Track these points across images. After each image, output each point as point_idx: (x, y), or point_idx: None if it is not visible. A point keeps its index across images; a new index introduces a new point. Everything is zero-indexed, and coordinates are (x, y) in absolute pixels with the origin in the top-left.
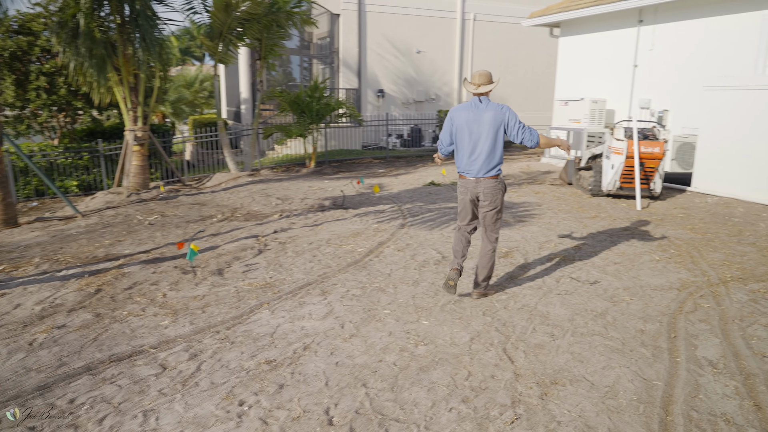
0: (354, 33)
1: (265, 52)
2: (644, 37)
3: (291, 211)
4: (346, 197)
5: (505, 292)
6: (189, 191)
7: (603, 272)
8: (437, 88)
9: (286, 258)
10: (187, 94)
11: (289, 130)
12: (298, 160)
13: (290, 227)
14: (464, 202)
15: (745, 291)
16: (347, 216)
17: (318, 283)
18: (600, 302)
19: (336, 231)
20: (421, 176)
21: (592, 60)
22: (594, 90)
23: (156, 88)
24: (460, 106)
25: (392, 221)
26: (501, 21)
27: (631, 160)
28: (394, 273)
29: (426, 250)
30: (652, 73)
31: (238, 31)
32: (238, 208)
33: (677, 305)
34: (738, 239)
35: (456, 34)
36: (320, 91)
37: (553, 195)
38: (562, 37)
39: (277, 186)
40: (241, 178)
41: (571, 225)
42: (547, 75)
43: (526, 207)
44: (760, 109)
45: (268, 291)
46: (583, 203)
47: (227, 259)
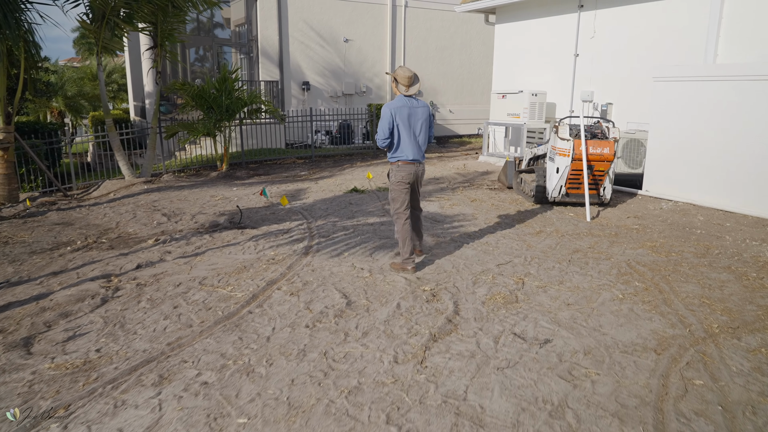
0: (274, 19)
1: (162, 39)
2: (585, 23)
3: (173, 233)
4: (249, 211)
5: (424, 368)
6: (66, 204)
7: (555, 322)
8: (368, 80)
9: (136, 312)
10: (89, 88)
11: (195, 128)
12: (210, 162)
13: (162, 259)
14: (407, 189)
15: (743, 351)
16: (240, 239)
17: (163, 358)
18: (555, 383)
19: (218, 264)
20: (345, 180)
21: (530, 49)
22: (533, 82)
23: (21, 81)
24: (398, 102)
25: (295, 245)
26: (434, 8)
27: (579, 163)
28: (275, 335)
29: (327, 293)
30: (594, 63)
31: (126, 13)
32: (110, 229)
33: (659, 384)
34: (709, 261)
35: (387, 22)
36: (230, 83)
37: (491, 203)
38: (498, 24)
39: (173, 196)
40: (136, 185)
41: (513, 245)
42: (483, 66)
43: (461, 221)
44: (716, 103)
45: (81, 379)
46: (525, 214)
47: (50, 318)
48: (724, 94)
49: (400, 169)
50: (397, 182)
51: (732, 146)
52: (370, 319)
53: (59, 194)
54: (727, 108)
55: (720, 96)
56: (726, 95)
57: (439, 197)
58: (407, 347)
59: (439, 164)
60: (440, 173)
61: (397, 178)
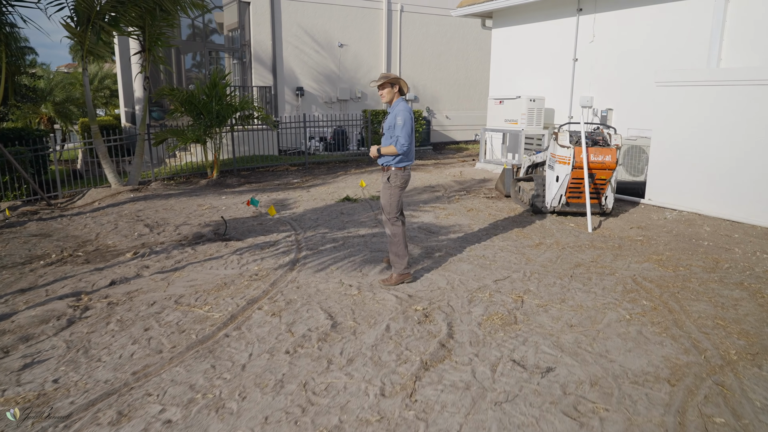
0: (267, 24)
1: (150, 43)
2: (584, 27)
3: (154, 245)
4: (236, 222)
5: (414, 403)
6: (49, 214)
7: (557, 346)
8: (363, 86)
9: (103, 335)
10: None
11: (184, 134)
12: (200, 170)
13: (138, 274)
14: (402, 194)
15: (765, 382)
16: (224, 253)
17: (125, 391)
18: (559, 421)
19: (197, 280)
20: (338, 188)
21: (528, 54)
22: (531, 87)
23: (2, 86)
24: (408, 107)
25: (281, 259)
26: (431, 13)
27: (580, 171)
28: (251, 363)
29: (312, 313)
30: (593, 68)
31: (112, 16)
32: (89, 241)
33: (676, 422)
34: (719, 276)
35: (382, 27)
36: (220, 88)
37: (489, 212)
38: (496, 28)
39: (159, 205)
40: (122, 194)
41: (511, 258)
42: (480, 71)
43: (456, 232)
44: (720, 108)
45: (32, 416)
46: (523, 224)
47: (9, 342)
48: (729, 98)
49: (404, 174)
50: (398, 187)
51: (738, 152)
52: (357, 344)
53: (43, 203)
54: (732, 113)
55: (725, 101)
56: (731, 100)
57: (434, 207)
58: (396, 377)
59: (435, 171)
60: (436, 181)
61: (400, 182)
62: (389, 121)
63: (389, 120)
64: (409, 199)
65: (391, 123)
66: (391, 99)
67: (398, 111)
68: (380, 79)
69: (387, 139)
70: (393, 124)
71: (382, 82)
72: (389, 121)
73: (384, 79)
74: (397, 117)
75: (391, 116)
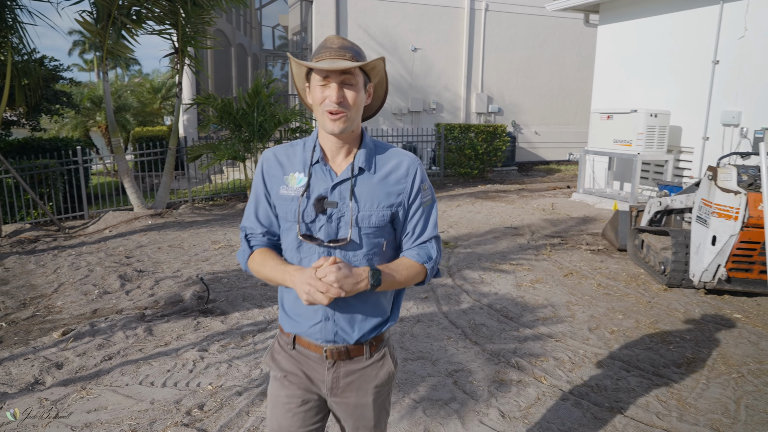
0: (331, 24)
1: (183, 44)
2: (730, 18)
3: (106, 315)
4: (236, 278)
5: None
6: (47, 243)
7: None
8: (438, 95)
9: None
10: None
11: (219, 149)
12: (242, 190)
13: (36, 380)
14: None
15: None
16: (186, 342)
17: None
18: None
19: (107, 408)
20: None
21: (646, 55)
22: (649, 98)
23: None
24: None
25: (258, 365)
26: (520, 12)
27: (755, 232)
28: None
29: None
30: (742, 73)
31: (136, 11)
32: (41, 296)
33: None
34: None
35: (463, 29)
36: (264, 97)
37: (597, 281)
38: (603, 24)
39: (169, 239)
40: (140, 220)
41: (647, 397)
42: (579, 80)
43: (546, 322)
44: None
45: None
46: (657, 311)
47: None
48: None
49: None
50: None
51: None
52: None
53: (54, 227)
54: None
55: None
56: None
57: (516, 264)
58: None
59: (519, 202)
60: (520, 217)
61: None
62: (368, 189)
63: (369, 186)
64: (482, 248)
65: (379, 198)
66: (352, 122)
67: (401, 162)
68: (343, 52)
69: (360, 242)
70: (396, 202)
71: (349, 67)
72: (368, 189)
73: (351, 56)
74: (416, 180)
75: (375, 179)
